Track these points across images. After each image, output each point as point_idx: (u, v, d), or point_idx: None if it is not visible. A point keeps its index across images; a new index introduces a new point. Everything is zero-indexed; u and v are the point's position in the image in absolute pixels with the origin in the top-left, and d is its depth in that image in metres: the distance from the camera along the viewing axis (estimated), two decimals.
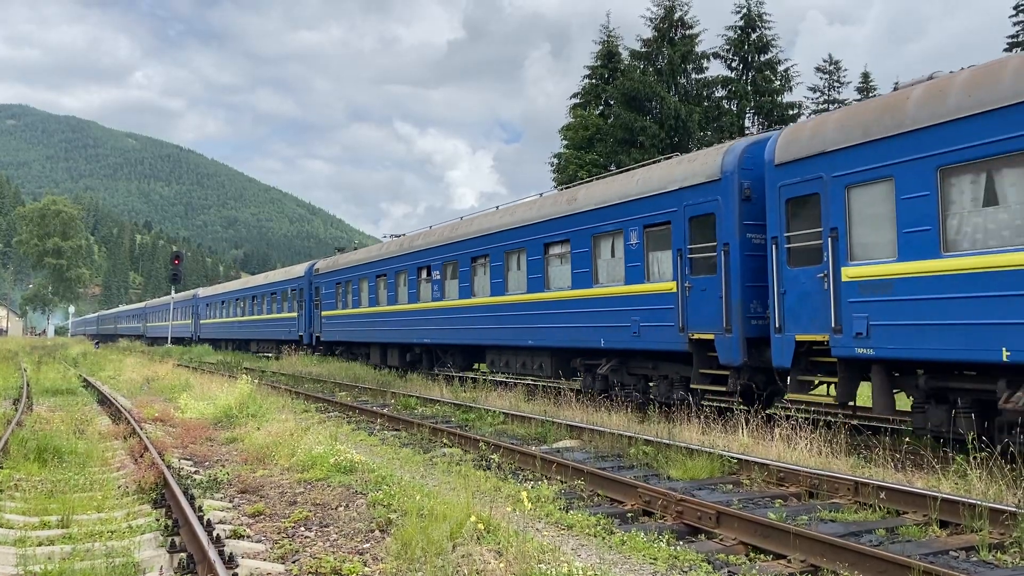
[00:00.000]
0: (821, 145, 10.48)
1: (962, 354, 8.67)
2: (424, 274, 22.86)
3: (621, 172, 16.39)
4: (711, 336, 12.32)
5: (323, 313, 31.15)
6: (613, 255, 14.86)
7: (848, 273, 10.05)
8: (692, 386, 12.87)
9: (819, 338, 10.40)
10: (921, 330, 9.06)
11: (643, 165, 15.41)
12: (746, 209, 12.10)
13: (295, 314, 34.09)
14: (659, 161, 15.09)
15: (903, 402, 10.39)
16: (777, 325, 11.08)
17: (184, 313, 54.03)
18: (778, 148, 11.25)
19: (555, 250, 16.63)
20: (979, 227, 8.59)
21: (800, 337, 10.71)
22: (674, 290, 13.09)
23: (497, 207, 20.44)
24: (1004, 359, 8.17)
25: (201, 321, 50.06)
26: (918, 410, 9.57)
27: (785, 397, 11.42)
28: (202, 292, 52.92)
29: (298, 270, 35.33)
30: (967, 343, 8.57)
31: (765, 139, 12.17)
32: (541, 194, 18.97)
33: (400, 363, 24.94)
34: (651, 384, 14.49)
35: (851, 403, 10.79)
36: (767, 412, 11.56)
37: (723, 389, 12.29)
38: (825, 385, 10.96)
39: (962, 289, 8.62)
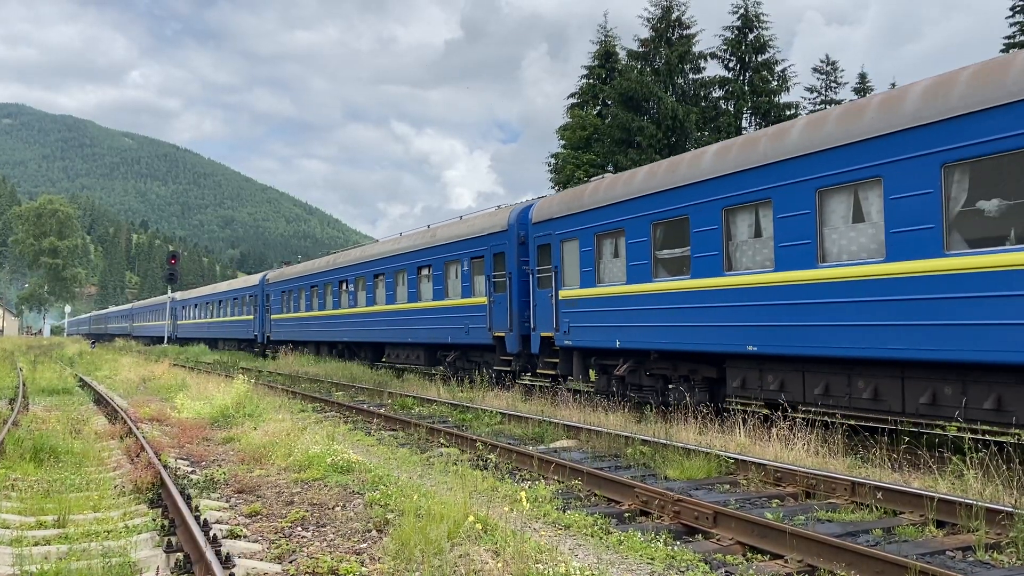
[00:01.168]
0: (550, 214, 16.69)
1: (604, 344, 14.69)
2: (344, 286, 28.65)
3: (462, 218, 21.86)
4: (503, 334, 18.14)
5: (272, 316, 36.90)
6: (456, 277, 20.59)
7: (561, 294, 15.93)
8: (495, 368, 18.93)
9: (550, 334, 16.33)
10: (590, 330, 15.11)
11: (474, 213, 21.67)
12: (521, 250, 17.79)
13: (251, 317, 39.79)
14: (483, 211, 21.14)
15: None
16: (533, 326, 17.12)
17: (164, 315, 58.88)
18: (534, 212, 17.44)
19: (424, 272, 22.50)
20: (611, 270, 14.72)
21: (543, 334, 16.70)
22: (485, 303, 18.77)
23: (400, 234, 25.81)
24: (617, 345, 14.27)
25: (178, 322, 56.14)
26: (600, 378, 15.50)
27: (537, 371, 17.71)
28: (178, 296, 59.14)
29: (254, 279, 41.53)
30: (605, 338, 14.63)
31: (532, 204, 18.04)
32: (429, 225, 24.39)
33: (329, 355, 30.62)
34: (479, 368, 19.62)
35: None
36: (764, 413, 11.58)
37: (509, 369, 18.43)
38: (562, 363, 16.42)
39: (603, 305, 14.72)
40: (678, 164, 13.22)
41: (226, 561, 5.35)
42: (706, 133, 35.73)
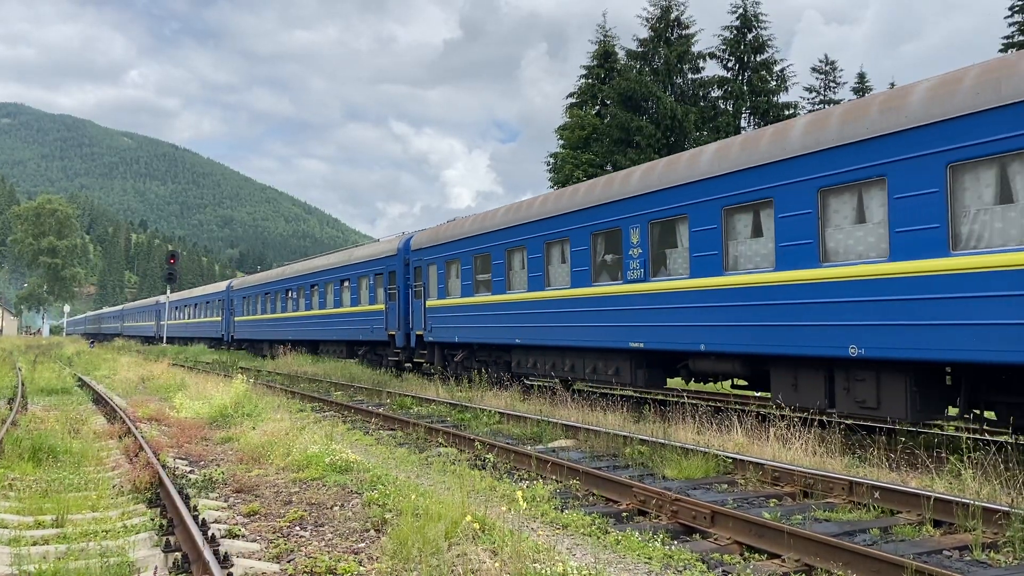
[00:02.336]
0: (420, 244, 22.62)
1: (450, 339, 20.42)
2: (289, 294, 34.69)
3: (380, 240, 27.74)
4: (394, 332, 23.72)
5: (235, 318, 43.18)
6: (366, 289, 26.30)
7: (428, 303, 21.65)
8: (390, 358, 24.91)
9: (421, 333, 22.00)
10: (443, 330, 20.72)
11: (386, 237, 27.82)
12: (406, 269, 23.42)
13: (219, 319, 46.14)
14: (388, 238, 27.17)
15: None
16: (411, 327, 22.83)
17: (152, 315, 65.96)
18: (412, 241, 23.29)
19: (345, 284, 28.27)
20: (454, 288, 20.36)
21: (417, 332, 22.31)
22: (383, 309, 24.66)
23: (321, 253, 33.22)
24: (456, 340, 19.98)
25: (161, 322, 60.67)
26: (448, 363, 21.05)
27: (413, 360, 23.53)
28: (162, 299, 63.28)
29: (221, 286, 48.04)
30: (450, 335, 20.28)
31: (412, 235, 23.79)
32: (359, 245, 30.72)
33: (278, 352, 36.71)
34: (384, 359, 25.47)
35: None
36: (761, 412, 11.58)
37: (398, 359, 24.13)
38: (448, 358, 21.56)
39: (449, 312, 20.37)
40: (488, 216, 19.54)
41: (224, 560, 5.36)
42: (705, 133, 35.74)
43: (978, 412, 9.33)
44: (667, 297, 12.94)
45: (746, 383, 12.68)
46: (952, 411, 9.67)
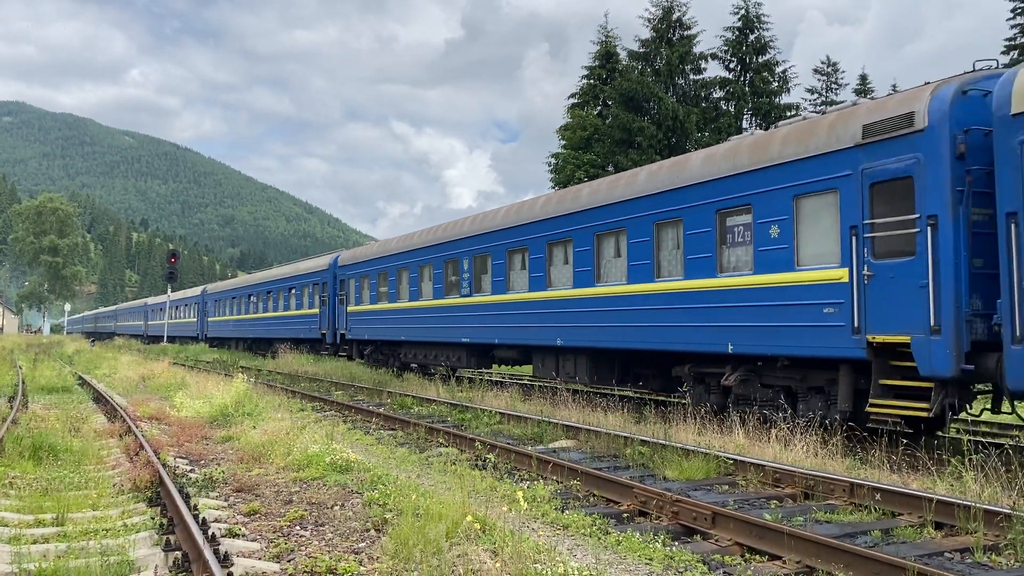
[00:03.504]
0: (344, 261, 29.12)
1: (363, 336, 26.68)
2: (250, 299, 40.94)
3: (304, 260, 33.99)
4: (325, 332, 29.72)
5: (209, 319, 50.02)
6: (306, 296, 32.24)
7: (349, 309, 28.16)
8: (321, 351, 30.84)
9: (344, 332, 28.09)
10: (360, 329, 26.84)
11: (327, 254, 35.02)
12: (335, 281, 29.44)
13: (195, 320, 53.21)
14: (323, 255, 33.71)
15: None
16: (337, 327, 28.90)
17: (140, 315, 74.49)
18: (339, 260, 29.64)
19: (292, 291, 34.12)
20: (364, 296, 26.73)
21: (341, 331, 28.25)
22: (318, 313, 30.61)
23: (272, 265, 42.15)
24: (367, 337, 26.46)
25: (148, 322, 69.72)
26: (360, 354, 27.41)
27: (339, 352, 29.58)
28: (150, 301, 74.41)
29: (198, 291, 55.79)
30: (362, 333, 26.71)
31: (339, 255, 30.29)
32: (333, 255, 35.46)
33: (246, 348, 43.41)
34: (319, 352, 30.94)
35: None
36: (762, 413, 11.57)
37: (328, 351, 30.18)
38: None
39: (361, 315, 27.02)
40: (387, 243, 26.34)
41: (224, 560, 5.36)
42: (706, 134, 35.71)
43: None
44: (482, 307, 18.97)
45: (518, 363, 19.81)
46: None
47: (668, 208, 13.16)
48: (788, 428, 9.85)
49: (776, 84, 37.38)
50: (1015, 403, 9.13)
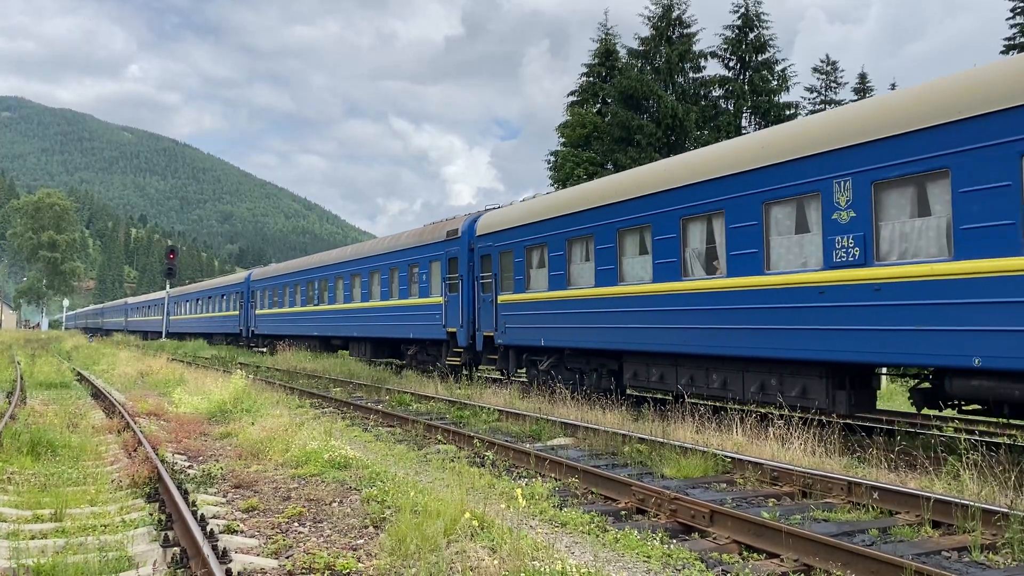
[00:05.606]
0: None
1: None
2: (198, 302, 51.66)
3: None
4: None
5: (171, 317, 58.00)
6: (225, 301, 45.41)
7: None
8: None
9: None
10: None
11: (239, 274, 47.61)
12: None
13: (160, 318, 60.58)
14: (232, 274, 47.29)
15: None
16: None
17: (120, 312, 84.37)
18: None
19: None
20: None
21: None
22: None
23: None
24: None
25: (128, 319, 78.60)
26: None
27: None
28: (130, 300, 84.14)
29: (163, 294, 62.52)
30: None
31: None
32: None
33: (209, 340, 49.03)
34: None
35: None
36: (761, 412, 11.59)
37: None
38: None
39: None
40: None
41: (223, 556, 5.36)
42: (705, 132, 35.70)
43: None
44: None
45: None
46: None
47: None
48: (786, 426, 9.85)
49: (776, 83, 37.34)
50: None
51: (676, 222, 12.76)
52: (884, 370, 11.95)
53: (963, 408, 9.82)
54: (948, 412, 10.37)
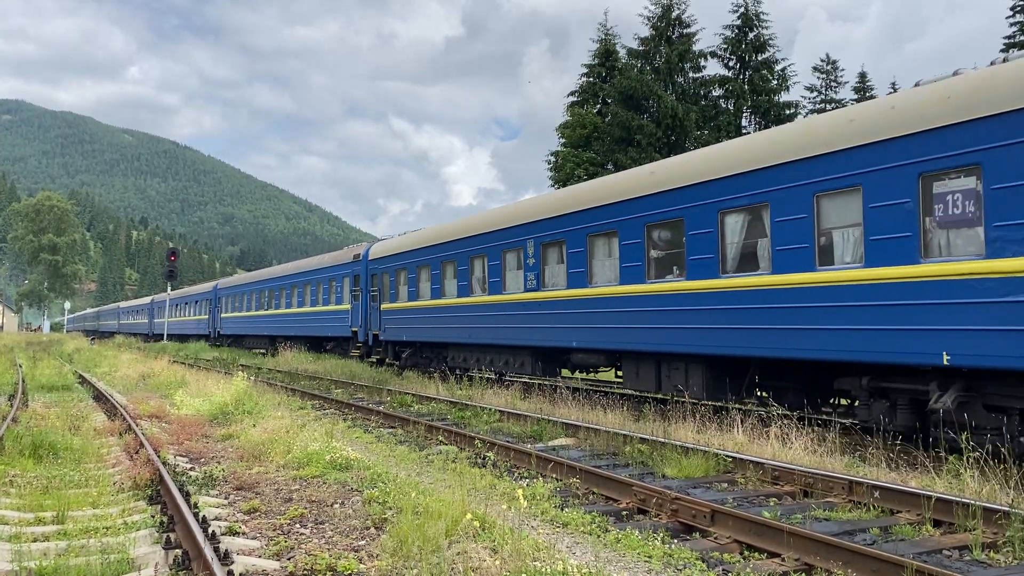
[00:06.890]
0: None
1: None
2: (187, 306, 55.59)
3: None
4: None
5: (155, 320, 62.59)
6: (197, 304, 53.25)
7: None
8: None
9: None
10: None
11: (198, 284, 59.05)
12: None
13: (146, 320, 68.38)
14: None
15: None
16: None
17: (114, 316, 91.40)
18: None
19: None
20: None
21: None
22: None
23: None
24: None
25: (120, 321, 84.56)
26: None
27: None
28: (122, 305, 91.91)
29: (147, 300, 73.60)
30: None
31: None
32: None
33: (184, 341, 53.35)
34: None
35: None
36: (761, 412, 11.60)
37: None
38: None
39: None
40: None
41: (224, 558, 5.37)
42: (705, 132, 35.71)
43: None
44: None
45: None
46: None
47: None
48: (787, 426, 9.86)
49: (776, 82, 37.38)
50: None
51: (440, 265, 21.46)
52: None
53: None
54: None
